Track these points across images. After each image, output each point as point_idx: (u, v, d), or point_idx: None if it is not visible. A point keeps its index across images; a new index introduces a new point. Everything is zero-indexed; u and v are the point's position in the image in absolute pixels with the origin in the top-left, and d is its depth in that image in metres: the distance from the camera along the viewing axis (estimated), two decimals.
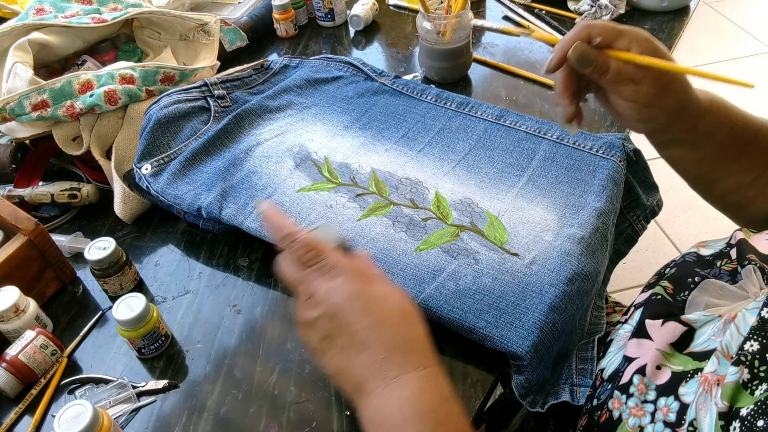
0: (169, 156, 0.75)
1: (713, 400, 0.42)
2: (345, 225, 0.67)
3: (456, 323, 0.58)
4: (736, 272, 0.52)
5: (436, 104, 0.83)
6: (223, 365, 0.60)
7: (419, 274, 0.62)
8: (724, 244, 0.58)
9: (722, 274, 0.54)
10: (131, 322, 0.58)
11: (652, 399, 0.48)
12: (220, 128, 0.78)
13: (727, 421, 0.40)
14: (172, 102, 0.77)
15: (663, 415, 0.47)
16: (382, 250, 0.65)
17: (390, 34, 1.09)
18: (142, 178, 0.73)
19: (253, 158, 0.76)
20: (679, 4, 1.06)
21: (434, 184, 0.72)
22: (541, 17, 1.08)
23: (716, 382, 0.43)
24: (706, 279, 0.53)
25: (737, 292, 0.50)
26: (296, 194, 0.71)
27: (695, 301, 0.53)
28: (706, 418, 0.42)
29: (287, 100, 0.85)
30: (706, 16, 2.69)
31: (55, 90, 0.74)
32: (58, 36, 0.84)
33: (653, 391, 0.48)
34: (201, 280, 0.69)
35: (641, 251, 1.68)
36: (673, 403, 0.46)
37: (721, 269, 0.55)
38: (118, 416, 0.57)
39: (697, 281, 0.53)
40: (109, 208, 0.77)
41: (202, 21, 0.91)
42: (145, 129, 0.75)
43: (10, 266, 0.63)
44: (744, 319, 0.45)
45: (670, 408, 0.46)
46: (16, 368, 0.58)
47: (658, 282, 0.56)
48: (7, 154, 0.79)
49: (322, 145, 0.78)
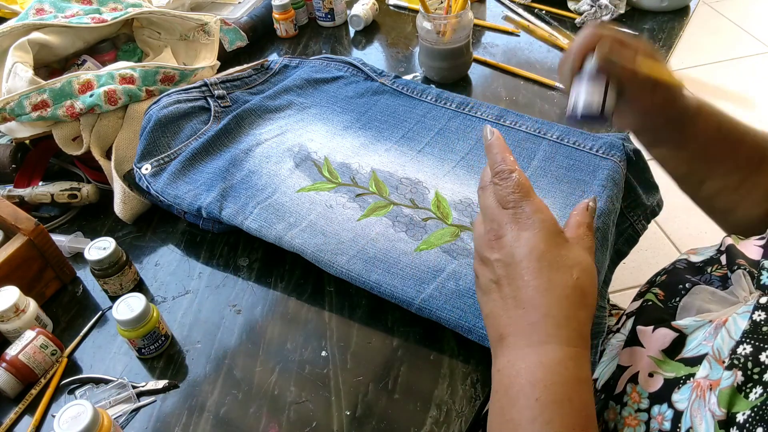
0: (169, 156, 0.75)
1: (707, 406, 0.42)
2: (345, 225, 0.67)
3: (456, 323, 0.58)
4: (727, 278, 0.52)
5: (436, 104, 0.83)
6: (223, 365, 0.60)
7: (419, 274, 0.62)
8: (714, 250, 0.58)
9: (713, 280, 0.54)
10: (131, 322, 0.58)
11: (646, 407, 0.48)
12: (220, 128, 0.78)
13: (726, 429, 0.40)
14: (172, 102, 0.77)
15: (658, 424, 0.46)
16: (382, 250, 0.65)
17: (390, 34, 1.09)
18: (142, 178, 0.73)
19: (253, 158, 0.76)
20: (679, 4, 1.06)
21: (434, 184, 0.72)
22: (541, 17, 1.08)
23: (709, 387, 0.43)
24: (697, 285, 0.53)
25: (728, 298, 0.50)
26: (296, 194, 0.71)
27: (686, 307, 0.52)
28: (701, 425, 0.42)
29: (287, 100, 0.85)
30: (706, 16, 2.69)
31: (55, 90, 0.74)
32: (58, 36, 0.84)
33: (646, 399, 0.48)
34: (201, 280, 0.69)
35: (641, 251, 1.68)
36: (667, 411, 0.46)
37: (711, 275, 0.55)
38: (118, 416, 0.57)
39: (688, 287, 0.53)
40: (109, 208, 0.76)
41: (202, 21, 0.91)
42: (145, 129, 0.75)
43: (10, 266, 0.63)
44: (735, 323, 0.45)
45: (665, 416, 0.46)
46: (16, 368, 0.58)
47: (649, 290, 0.56)
48: (7, 154, 0.79)
49: (322, 145, 0.78)
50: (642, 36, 0.56)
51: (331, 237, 0.66)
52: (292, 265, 0.69)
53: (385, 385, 0.57)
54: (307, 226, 0.67)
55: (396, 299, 0.61)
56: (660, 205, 0.77)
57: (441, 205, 0.69)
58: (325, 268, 0.64)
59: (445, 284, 0.61)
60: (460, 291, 0.60)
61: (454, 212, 0.69)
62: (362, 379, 0.58)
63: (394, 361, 0.59)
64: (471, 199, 0.70)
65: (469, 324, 0.58)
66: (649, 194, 0.76)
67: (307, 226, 0.67)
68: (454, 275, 0.62)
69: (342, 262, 0.64)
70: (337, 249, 0.65)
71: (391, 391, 0.57)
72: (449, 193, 0.71)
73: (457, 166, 0.74)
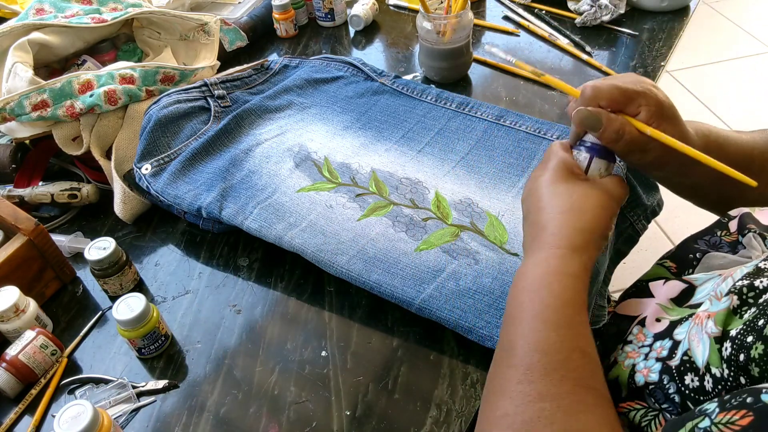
0: (169, 156, 0.75)
1: (704, 330, 0.43)
2: (345, 225, 0.67)
3: (456, 323, 0.58)
4: (737, 243, 0.52)
5: (436, 104, 0.83)
6: (223, 365, 0.60)
7: (419, 274, 0.62)
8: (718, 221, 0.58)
9: (722, 245, 0.54)
10: (131, 322, 0.58)
11: (649, 343, 0.50)
12: (220, 128, 0.78)
13: (720, 344, 0.41)
14: (172, 102, 0.77)
15: (657, 353, 0.48)
16: (382, 250, 0.65)
17: (390, 34, 1.09)
18: (142, 178, 0.73)
19: (253, 158, 0.76)
20: (679, 4, 1.06)
21: (434, 184, 0.72)
22: (540, 17, 1.08)
23: (707, 316, 0.44)
24: (708, 253, 0.53)
25: (739, 260, 0.51)
26: (296, 194, 0.71)
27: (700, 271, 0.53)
28: (699, 347, 0.43)
29: (287, 100, 0.85)
30: (706, 16, 2.69)
31: (55, 90, 0.74)
32: (58, 36, 0.84)
33: (650, 337, 0.50)
34: (201, 280, 0.69)
35: (641, 251, 1.67)
36: (667, 343, 0.48)
37: (721, 239, 0.55)
38: (118, 416, 0.57)
39: (699, 257, 0.54)
40: (109, 208, 0.76)
41: (202, 21, 0.91)
42: (145, 129, 0.75)
43: (10, 266, 0.63)
44: (740, 272, 0.46)
45: (664, 347, 0.48)
46: (16, 368, 0.58)
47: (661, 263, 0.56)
48: (7, 154, 0.79)
49: (322, 145, 0.78)
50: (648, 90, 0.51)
51: (331, 237, 0.66)
52: (292, 265, 0.69)
53: (385, 385, 0.57)
54: (307, 226, 0.67)
55: (396, 299, 0.61)
56: (660, 205, 0.77)
57: (441, 205, 0.69)
58: (325, 268, 0.64)
59: (445, 284, 0.61)
60: (460, 291, 0.60)
61: (454, 212, 0.69)
62: (362, 379, 0.58)
63: (394, 361, 0.59)
64: (471, 199, 0.70)
65: (468, 324, 0.58)
66: (649, 194, 0.76)
67: (307, 226, 0.67)
68: (454, 275, 0.62)
69: (342, 262, 0.63)
70: (337, 249, 0.65)
71: (391, 391, 0.57)
72: (449, 193, 0.71)
73: (457, 166, 0.74)
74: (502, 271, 0.62)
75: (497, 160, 0.75)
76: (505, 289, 0.60)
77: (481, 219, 0.68)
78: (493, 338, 0.57)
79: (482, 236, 0.66)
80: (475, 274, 0.62)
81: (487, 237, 0.66)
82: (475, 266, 0.62)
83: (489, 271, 0.62)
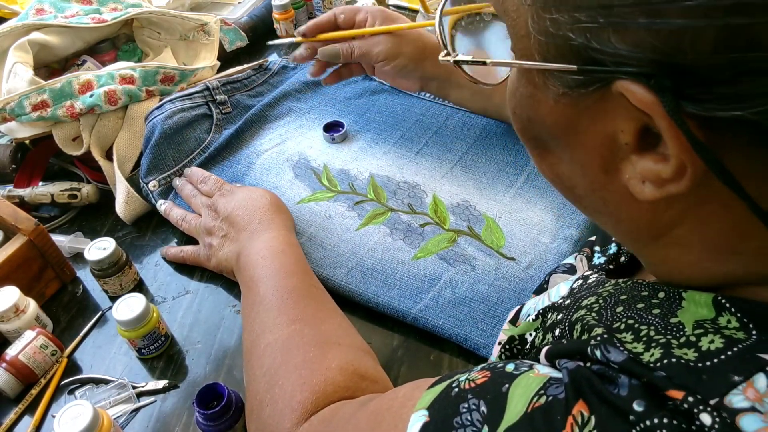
0: (175, 173, 0.76)
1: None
2: (344, 236, 0.68)
3: (451, 332, 0.59)
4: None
5: (435, 101, 0.84)
6: (223, 365, 0.61)
7: (416, 283, 0.62)
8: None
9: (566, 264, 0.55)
10: (131, 323, 0.58)
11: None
12: (222, 142, 0.79)
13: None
14: (176, 111, 0.77)
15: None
16: (380, 260, 0.65)
17: None
18: (150, 194, 0.74)
19: (254, 171, 0.76)
20: None
21: (432, 186, 0.72)
22: None
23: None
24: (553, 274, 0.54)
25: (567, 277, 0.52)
26: (296, 206, 0.71)
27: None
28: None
29: (286, 107, 0.85)
30: None
31: (55, 90, 0.74)
32: (58, 36, 0.84)
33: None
34: (201, 280, 0.69)
35: None
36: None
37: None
38: (118, 416, 0.57)
39: (547, 279, 0.54)
40: (109, 208, 0.77)
41: (202, 21, 0.91)
42: (150, 141, 0.75)
43: (10, 266, 0.63)
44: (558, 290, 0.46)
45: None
46: (16, 368, 0.58)
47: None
48: (7, 154, 0.79)
49: (321, 152, 0.78)
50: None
51: (330, 250, 0.66)
52: None
53: None
54: (307, 240, 0.68)
55: (393, 311, 0.61)
56: None
57: (438, 209, 0.70)
58: (323, 283, 0.63)
59: (442, 293, 0.61)
60: (456, 300, 0.60)
61: (452, 216, 0.69)
62: None
63: (394, 361, 0.60)
64: (468, 201, 0.70)
65: (464, 333, 0.58)
66: None
67: (307, 240, 0.68)
68: (450, 283, 0.62)
69: (340, 276, 0.64)
70: (336, 262, 0.65)
71: None
72: (447, 195, 0.71)
73: (455, 167, 0.75)
74: (498, 277, 0.62)
75: (495, 158, 0.75)
76: (501, 296, 0.60)
77: (478, 222, 0.68)
78: (489, 346, 0.57)
79: (479, 241, 0.66)
80: (472, 281, 0.62)
81: (483, 241, 0.66)
82: (471, 273, 0.63)
83: (485, 277, 0.62)
